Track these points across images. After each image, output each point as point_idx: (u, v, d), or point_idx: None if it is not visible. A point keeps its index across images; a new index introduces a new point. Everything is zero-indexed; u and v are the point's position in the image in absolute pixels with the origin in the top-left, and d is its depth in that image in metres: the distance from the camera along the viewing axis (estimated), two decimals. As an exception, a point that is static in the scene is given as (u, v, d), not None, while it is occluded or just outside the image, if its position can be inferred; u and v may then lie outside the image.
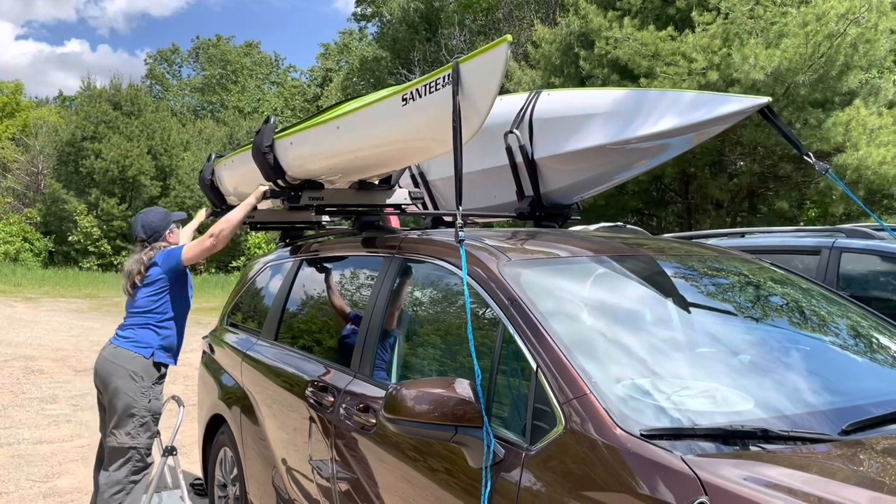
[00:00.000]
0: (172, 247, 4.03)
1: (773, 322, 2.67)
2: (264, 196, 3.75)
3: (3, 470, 5.33)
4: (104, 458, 3.92)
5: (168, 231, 4.13)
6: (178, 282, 3.99)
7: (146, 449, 3.84)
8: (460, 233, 2.42)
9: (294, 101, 51.44)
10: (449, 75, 2.60)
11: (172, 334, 3.99)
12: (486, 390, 2.15)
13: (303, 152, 3.50)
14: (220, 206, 4.63)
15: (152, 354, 3.87)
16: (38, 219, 33.98)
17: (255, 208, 3.90)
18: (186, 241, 4.14)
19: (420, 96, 2.75)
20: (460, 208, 2.49)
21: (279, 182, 3.67)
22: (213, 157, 4.68)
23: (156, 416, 3.88)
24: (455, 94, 2.55)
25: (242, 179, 4.17)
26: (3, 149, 38.84)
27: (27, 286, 23.21)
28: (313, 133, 3.39)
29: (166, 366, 3.96)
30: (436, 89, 2.69)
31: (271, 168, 3.61)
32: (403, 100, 2.83)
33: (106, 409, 3.95)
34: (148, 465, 3.87)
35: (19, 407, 7.34)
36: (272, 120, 3.75)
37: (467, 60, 2.60)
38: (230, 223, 3.79)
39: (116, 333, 3.96)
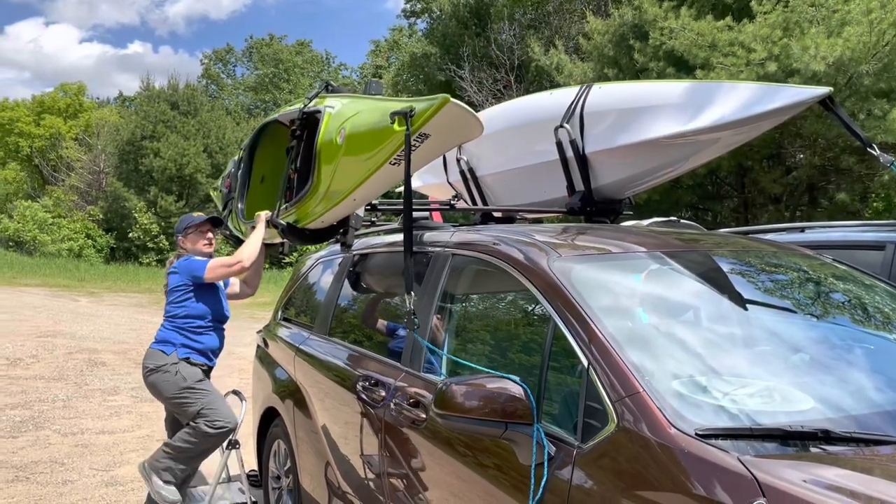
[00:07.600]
0: (193, 257, 4.06)
1: (834, 319, 2.58)
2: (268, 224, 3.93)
3: (69, 459, 5.52)
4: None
5: (180, 237, 4.18)
6: (202, 290, 4.05)
7: (210, 407, 3.91)
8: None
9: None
10: (420, 134, 2.87)
11: (201, 338, 4.05)
12: (536, 387, 2.13)
13: (328, 220, 3.64)
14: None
15: (174, 352, 3.97)
16: (100, 216, 35.11)
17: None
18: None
19: (403, 159, 2.93)
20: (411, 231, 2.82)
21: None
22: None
23: (197, 381, 3.94)
24: (407, 157, 2.81)
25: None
26: (67, 148, 40.21)
27: (90, 281, 24.01)
28: (333, 211, 3.51)
29: (195, 361, 4.03)
30: (414, 149, 2.89)
31: (307, 238, 3.79)
32: (392, 164, 3.04)
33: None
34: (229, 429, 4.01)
35: (83, 398, 7.60)
36: (281, 226, 3.81)
37: (421, 123, 2.80)
38: (254, 247, 3.89)
39: None
